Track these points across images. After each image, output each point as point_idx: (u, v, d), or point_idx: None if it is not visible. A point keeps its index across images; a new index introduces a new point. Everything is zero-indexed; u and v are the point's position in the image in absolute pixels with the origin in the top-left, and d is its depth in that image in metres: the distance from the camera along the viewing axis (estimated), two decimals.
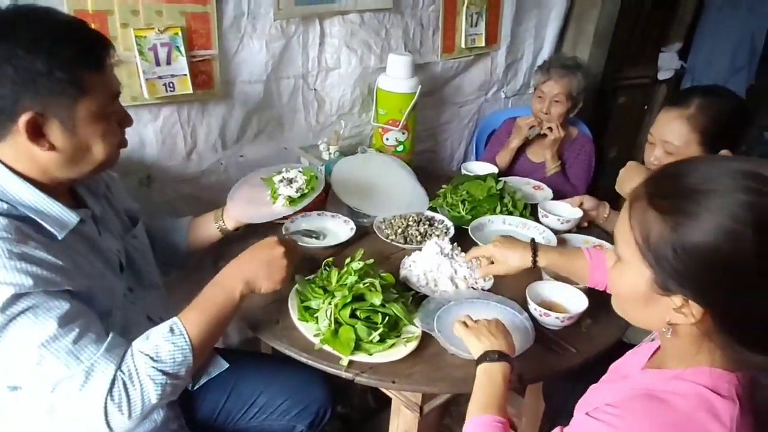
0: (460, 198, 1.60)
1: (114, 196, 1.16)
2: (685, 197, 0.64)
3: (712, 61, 3.26)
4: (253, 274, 1.04)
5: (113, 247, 1.05)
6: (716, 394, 0.66)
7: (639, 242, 0.67)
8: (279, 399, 1.27)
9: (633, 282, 0.70)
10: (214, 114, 1.54)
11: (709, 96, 1.30)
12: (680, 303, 0.66)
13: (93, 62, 0.88)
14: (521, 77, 2.39)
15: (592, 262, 1.12)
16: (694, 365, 0.70)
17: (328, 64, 1.72)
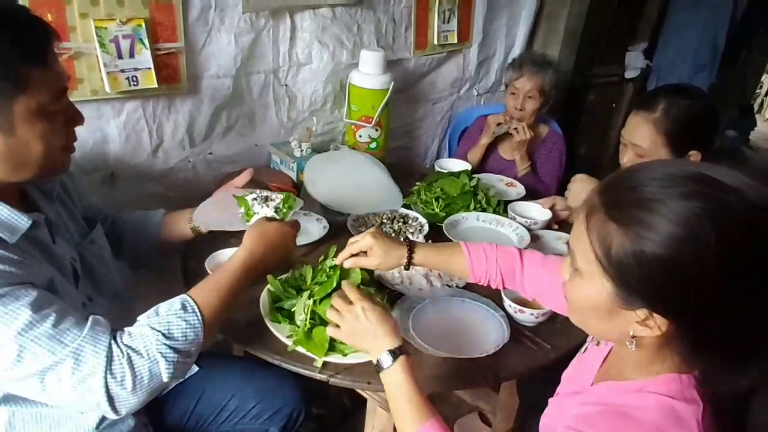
0: (434, 195, 1.59)
1: (71, 197, 1.09)
2: (641, 208, 0.61)
3: (676, 60, 3.35)
4: (270, 261, 1.07)
5: (67, 255, 0.99)
6: (680, 401, 0.65)
7: (599, 255, 0.64)
8: (251, 402, 1.23)
9: (593, 296, 0.67)
10: (181, 110, 1.49)
11: (674, 97, 1.31)
12: (644, 316, 0.64)
13: (32, 55, 0.80)
14: (493, 74, 2.40)
15: (471, 258, 1.05)
16: (654, 374, 0.69)
17: (299, 59, 1.69)
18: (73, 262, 0.99)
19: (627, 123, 1.39)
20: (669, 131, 1.30)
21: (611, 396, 0.72)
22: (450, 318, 1.16)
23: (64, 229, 1.02)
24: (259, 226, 1.09)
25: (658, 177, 0.62)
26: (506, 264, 1.05)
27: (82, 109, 1.28)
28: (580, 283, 0.70)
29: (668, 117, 1.29)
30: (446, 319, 1.16)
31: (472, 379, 1.04)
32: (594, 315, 0.70)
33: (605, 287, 0.65)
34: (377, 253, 1.06)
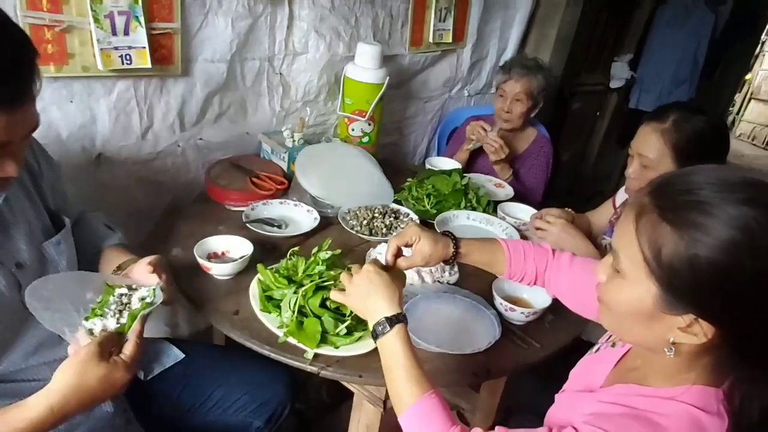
0: (426, 192, 1.59)
1: (40, 192, 0.99)
2: (697, 211, 0.60)
3: (659, 73, 3.43)
4: (75, 412, 0.81)
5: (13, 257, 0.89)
6: (705, 413, 0.64)
7: (648, 257, 0.63)
8: (236, 394, 1.22)
9: (635, 299, 0.65)
10: (173, 92, 1.45)
11: (687, 112, 1.30)
12: (689, 322, 0.62)
13: None
14: (485, 76, 2.42)
15: (511, 255, 1.02)
16: (681, 383, 0.68)
17: (295, 48, 1.67)
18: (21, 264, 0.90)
19: (637, 133, 1.36)
20: (677, 144, 1.28)
21: (634, 399, 0.70)
22: (441, 314, 1.17)
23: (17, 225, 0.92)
24: (80, 370, 0.80)
25: (714, 181, 0.62)
26: (541, 262, 1.03)
27: (72, 86, 1.27)
28: (621, 285, 0.68)
29: (678, 130, 1.27)
30: (438, 315, 1.16)
31: (463, 375, 1.04)
32: (633, 319, 0.68)
33: (650, 291, 0.64)
34: (425, 244, 0.98)
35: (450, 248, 0.99)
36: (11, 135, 0.73)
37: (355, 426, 1.21)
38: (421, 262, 0.99)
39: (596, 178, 3.80)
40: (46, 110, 1.25)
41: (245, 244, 1.23)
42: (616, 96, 3.52)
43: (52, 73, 1.21)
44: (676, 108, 1.32)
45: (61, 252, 0.99)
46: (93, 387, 0.80)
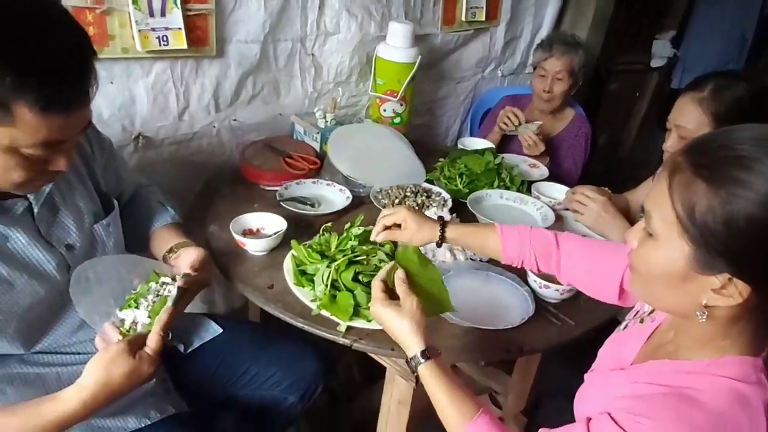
0: (458, 171, 1.58)
1: (95, 172, 1.02)
2: (739, 166, 0.58)
3: (703, 52, 3.28)
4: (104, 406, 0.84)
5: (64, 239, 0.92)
6: (745, 383, 0.63)
7: (681, 216, 0.61)
8: (271, 369, 1.24)
9: (668, 260, 0.64)
10: (208, 73, 1.48)
11: (726, 79, 1.24)
12: (723, 282, 0.61)
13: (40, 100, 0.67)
14: (519, 56, 2.37)
15: (504, 239, 1.02)
16: (719, 354, 0.66)
17: (327, 29, 1.67)
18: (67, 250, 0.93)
19: (674, 106, 1.31)
20: (716, 112, 1.22)
21: (669, 376, 0.68)
22: (474, 291, 1.16)
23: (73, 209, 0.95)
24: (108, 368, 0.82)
25: (755, 136, 0.59)
26: (540, 247, 1.00)
27: (112, 68, 1.31)
28: (653, 246, 0.66)
29: (717, 97, 1.22)
30: (470, 291, 1.15)
31: (495, 351, 1.03)
32: (664, 282, 0.66)
33: (683, 250, 0.62)
34: (411, 226, 1.04)
35: (436, 232, 1.03)
36: (66, 135, 0.75)
37: (388, 401, 1.22)
38: (406, 237, 1.04)
39: (633, 163, 3.67)
40: None
41: (279, 220, 1.25)
42: (657, 76, 3.38)
43: None
44: (715, 76, 1.27)
45: (109, 233, 1.02)
46: (121, 383, 0.83)
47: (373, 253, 1.09)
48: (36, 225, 0.89)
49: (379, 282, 0.90)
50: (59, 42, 0.69)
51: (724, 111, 1.22)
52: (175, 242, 1.08)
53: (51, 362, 0.98)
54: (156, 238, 1.13)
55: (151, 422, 1.01)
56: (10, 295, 0.86)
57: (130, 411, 1.01)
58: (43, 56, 0.67)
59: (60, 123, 0.71)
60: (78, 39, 0.73)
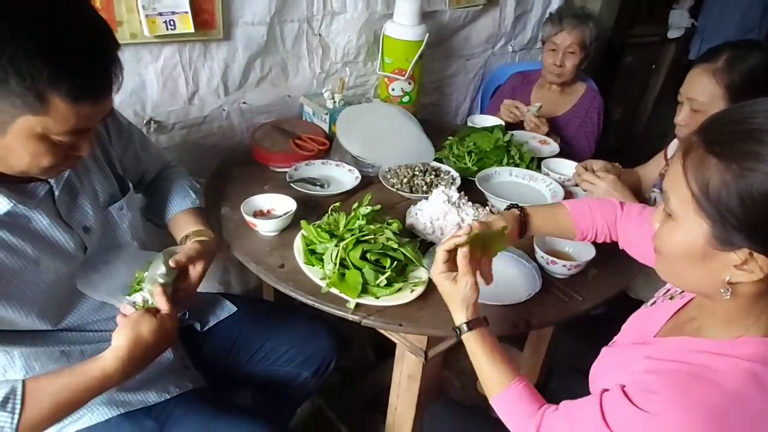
0: (467, 149, 1.57)
1: (112, 156, 1.05)
2: (751, 140, 0.57)
3: (722, 20, 3.18)
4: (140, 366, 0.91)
5: (81, 221, 0.96)
6: (763, 366, 0.62)
7: (696, 194, 0.61)
8: (285, 346, 1.28)
9: (687, 239, 0.64)
10: (216, 57, 1.49)
11: (740, 49, 1.20)
12: (744, 258, 0.61)
13: (72, 91, 0.71)
14: (530, 30, 2.33)
15: (573, 213, 1.03)
16: (738, 333, 0.66)
17: (333, 8, 1.66)
18: (84, 232, 0.97)
19: (686, 78, 1.28)
20: (731, 84, 1.18)
21: (685, 354, 0.68)
22: None
23: (86, 193, 0.98)
24: (135, 327, 0.89)
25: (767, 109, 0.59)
26: (610, 216, 1.03)
27: (122, 53, 1.30)
28: (672, 227, 0.66)
29: (731, 68, 1.18)
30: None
31: (504, 326, 1.04)
32: (686, 261, 0.66)
33: (701, 228, 0.62)
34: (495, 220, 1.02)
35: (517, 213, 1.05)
36: (93, 122, 0.80)
37: (398, 376, 1.25)
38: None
39: (649, 137, 3.61)
40: None
41: (289, 201, 1.27)
42: (673, 47, 3.29)
43: None
44: (729, 47, 1.23)
45: (122, 216, 1.06)
46: (149, 339, 0.89)
47: (381, 232, 1.11)
48: (56, 208, 0.93)
49: (444, 252, 0.92)
50: (89, 36, 0.74)
51: (738, 82, 1.19)
52: (190, 230, 1.13)
53: (75, 340, 1.02)
54: (174, 224, 1.17)
55: (170, 396, 1.06)
56: (36, 273, 0.90)
57: (151, 386, 1.05)
58: (75, 50, 0.71)
59: (88, 111, 0.76)
60: (105, 33, 0.77)
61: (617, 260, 1.18)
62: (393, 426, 1.33)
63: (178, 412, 1.04)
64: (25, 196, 0.88)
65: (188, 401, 1.07)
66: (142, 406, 1.02)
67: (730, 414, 0.60)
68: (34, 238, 0.89)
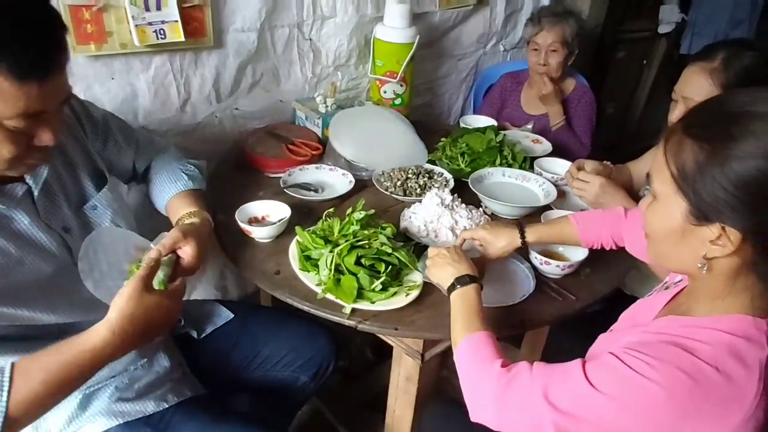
0: (460, 151, 1.58)
1: (90, 153, 1.03)
2: (722, 122, 0.63)
3: (713, 14, 3.19)
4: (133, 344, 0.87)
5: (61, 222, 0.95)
6: (743, 339, 0.65)
7: (674, 173, 0.66)
8: (283, 351, 1.28)
9: (668, 217, 0.69)
10: (207, 64, 1.49)
11: (737, 49, 1.22)
12: (717, 233, 0.65)
13: (15, 68, 0.70)
14: (520, 29, 2.33)
15: (579, 225, 1.11)
16: (723, 312, 0.69)
17: (323, 13, 1.66)
18: (64, 232, 0.96)
19: (681, 76, 1.29)
20: (727, 83, 1.20)
21: (671, 328, 0.72)
22: None
23: (65, 193, 0.97)
24: (128, 300, 0.85)
25: (745, 96, 0.63)
26: (615, 225, 1.09)
27: (112, 63, 1.33)
28: (655, 207, 0.72)
29: (727, 68, 1.20)
30: None
31: (499, 328, 1.04)
32: (669, 239, 0.71)
33: (680, 206, 0.67)
34: (489, 241, 1.12)
35: (516, 237, 1.12)
36: (45, 104, 0.77)
37: (396, 378, 1.26)
38: (493, 255, 1.13)
39: (643, 132, 3.62)
40: (90, 88, 1.32)
41: (284, 208, 1.27)
42: (665, 42, 3.31)
43: (93, 51, 1.27)
44: (724, 46, 1.24)
45: (100, 215, 1.03)
46: (145, 315, 0.85)
47: (375, 237, 1.11)
48: (36, 208, 0.92)
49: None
50: (31, 15, 0.73)
51: (734, 81, 1.20)
52: (182, 213, 1.11)
53: None
54: (170, 210, 1.16)
55: (168, 405, 1.06)
56: (22, 273, 0.89)
57: (149, 395, 1.06)
58: (17, 28, 0.70)
59: (37, 91, 0.74)
60: (49, 13, 0.76)
61: (610, 259, 1.20)
62: (392, 427, 1.34)
63: (176, 420, 1.05)
64: (4, 196, 0.88)
65: (187, 409, 1.07)
66: (141, 416, 1.03)
67: (709, 380, 0.63)
68: (17, 238, 0.89)
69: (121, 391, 1.04)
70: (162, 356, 1.13)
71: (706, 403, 0.63)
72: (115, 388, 1.04)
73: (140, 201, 1.50)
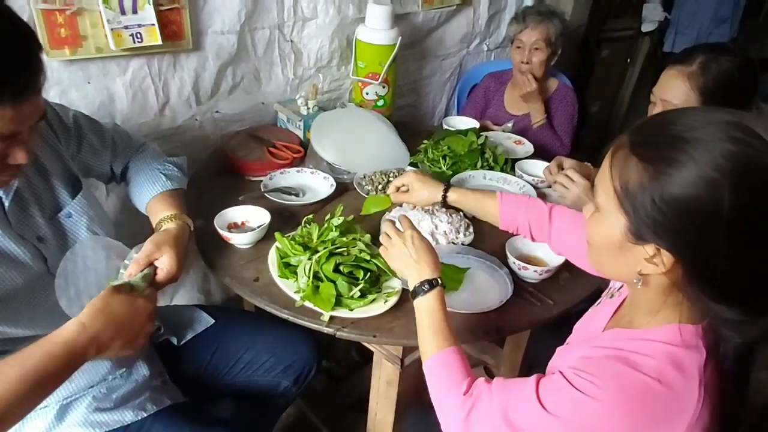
0: (441, 153, 1.58)
1: (64, 158, 1.02)
2: (668, 145, 0.62)
3: (696, 13, 3.22)
4: (108, 344, 0.85)
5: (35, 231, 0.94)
6: (681, 348, 0.67)
7: (617, 189, 0.66)
8: (264, 356, 1.28)
9: (608, 230, 0.70)
10: (186, 67, 1.47)
11: (714, 53, 1.23)
12: (652, 252, 0.66)
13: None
14: (504, 29, 2.34)
15: (502, 204, 1.12)
16: (662, 322, 0.71)
17: (304, 14, 1.65)
18: (39, 242, 0.95)
19: (660, 78, 1.31)
20: (704, 88, 1.22)
21: (616, 342, 0.73)
22: None
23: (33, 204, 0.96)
24: (100, 299, 0.86)
25: (692, 119, 0.63)
26: (535, 216, 1.09)
27: (88, 67, 1.31)
28: (597, 218, 0.72)
29: (705, 72, 1.22)
30: None
31: (476, 334, 1.06)
32: (608, 251, 0.72)
33: (619, 222, 0.67)
34: (415, 186, 1.22)
35: (439, 193, 1.19)
36: (19, 126, 0.76)
37: (377, 382, 1.27)
38: (412, 199, 1.25)
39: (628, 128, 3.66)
40: (65, 93, 1.30)
41: (263, 213, 1.27)
42: (648, 40, 3.33)
43: (68, 56, 1.25)
44: (702, 50, 1.26)
45: (75, 222, 1.01)
46: (119, 313, 0.86)
47: (353, 244, 1.11)
48: (8, 219, 0.91)
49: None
50: (5, 38, 0.72)
51: (712, 86, 1.22)
52: (161, 216, 1.10)
53: None
54: (150, 213, 1.15)
55: (147, 414, 1.05)
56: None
57: (127, 404, 1.05)
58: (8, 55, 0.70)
59: (11, 114, 0.73)
60: (22, 33, 0.75)
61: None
62: (374, 431, 1.35)
63: (155, 429, 1.04)
64: None
65: (167, 417, 1.07)
66: (119, 426, 1.03)
67: (653, 393, 0.65)
68: None
69: (98, 401, 1.04)
70: (141, 365, 1.12)
71: (653, 416, 0.65)
72: (92, 398, 1.04)
73: (121, 204, 1.49)
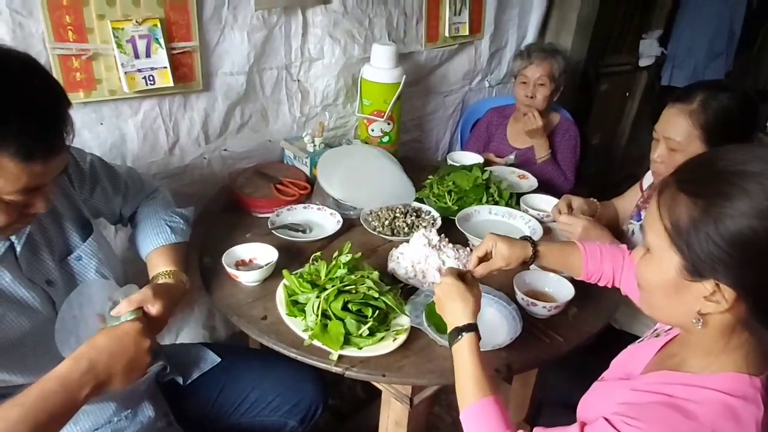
0: (447, 189, 1.60)
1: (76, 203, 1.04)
2: (717, 179, 0.63)
3: (692, 48, 3.29)
4: (107, 373, 0.85)
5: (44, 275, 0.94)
6: (739, 399, 0.65)
7: (668, 228, 0.66)
8: (271, 395, 1.26)
9: (661, 271, 0.69)
10: (196, 107, 1.51)
11: (713, 90, 1.27)
12: (711, 289, 0.65)
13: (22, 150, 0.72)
14: (505, 66, 2.39)
15: (587, 254, 1.10)
16: (720, 368, 0.69)
17: (311, 55, 1.70)
18: (48, 285, 0.95)
19: (661, 116, 1.34)
20: (706, 124, 1.25)
21: (666, 386, 0.71)
22: None
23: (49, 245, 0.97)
24: (98, 336, 0.88)
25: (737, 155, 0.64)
26: (616, 261, 1.08)
27: (101, 109, 1.34)
28: (649, 260, 0.72)
29: (706, 109, 1.25)
30: None
31: None
32: (662, 293, 0.71)
33: (673, 261, 0.67)
34: (502, 249, 1.07)
35: (528, 249, 1.08)
36: (45, 180, 0.80)
37: (385, 422, 1.24)
38: (502, 263, 1.07)
39: (628, 160, 3.69)
40: (78, 133, 1.29)
41: (271, 250, 1.27)
42: (646, 75, 3.40)
43: (82, 99, 1.28)
44: (701, 88, 1.30)
45: (84, 266, 1.02)
46: (109, 342, 0.87)
47: (362, 282, 1.12)
48: (18, 263, 0.92)
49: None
50: (36, 96, 0.75)
51: (713, 122, 1.26)
52: (159, 270, 1.10)
53: None
54: (149, 263, 1.14)
55: None
56: (1, 330, 0.88)
57: None
58: (22, 111, 0.73)
59: (41, 170, 0.76)
60: (53, 92, 0.78)
61: (597, 297, 1.21)
62: None
63: None
64: None
65: None
66: None
67: None
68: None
69: None
70: (147, 405, 1.11)
71: None
72: None
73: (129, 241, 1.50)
